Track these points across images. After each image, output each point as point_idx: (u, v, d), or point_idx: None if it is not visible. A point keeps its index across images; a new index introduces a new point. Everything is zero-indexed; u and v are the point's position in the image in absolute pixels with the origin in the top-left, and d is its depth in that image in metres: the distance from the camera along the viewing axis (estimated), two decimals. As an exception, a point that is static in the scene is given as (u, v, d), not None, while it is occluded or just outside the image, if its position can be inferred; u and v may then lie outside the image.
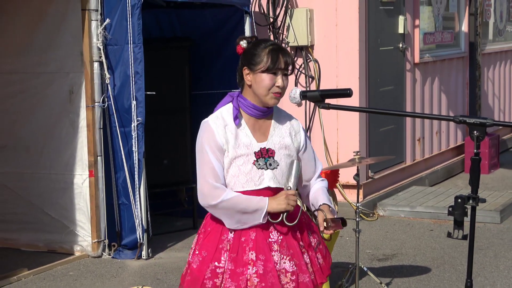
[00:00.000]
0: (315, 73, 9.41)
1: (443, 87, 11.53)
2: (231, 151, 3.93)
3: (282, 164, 3.99)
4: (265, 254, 3.94)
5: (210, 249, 3.98)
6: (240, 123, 3.98)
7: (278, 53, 3.93)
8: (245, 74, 3.97)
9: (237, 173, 3.94)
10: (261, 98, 3.95)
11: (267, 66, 3.91)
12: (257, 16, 9.34)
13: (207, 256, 3.97)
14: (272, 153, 3.99)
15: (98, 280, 7.19)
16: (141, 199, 7.72)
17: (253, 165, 3.94)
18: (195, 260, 4.01)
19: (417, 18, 10.65)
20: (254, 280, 3.91)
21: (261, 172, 3.95)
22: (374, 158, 6.83)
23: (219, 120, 3.97)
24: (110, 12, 7.61)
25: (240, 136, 3.96)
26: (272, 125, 4.05)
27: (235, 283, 3.90)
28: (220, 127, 3.94)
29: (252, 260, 3.92)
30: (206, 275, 3.94)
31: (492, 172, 11.86)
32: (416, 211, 9.34)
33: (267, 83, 3.91)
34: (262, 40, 4.05)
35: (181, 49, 8.83)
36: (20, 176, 8.13)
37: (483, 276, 7.09)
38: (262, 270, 3.91)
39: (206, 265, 3.96)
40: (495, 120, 3.48)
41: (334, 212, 4.06)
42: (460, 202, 3.51)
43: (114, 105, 7.67)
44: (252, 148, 3.96)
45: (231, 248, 3.94)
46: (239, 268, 3.92)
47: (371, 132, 9.63)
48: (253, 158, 3.95)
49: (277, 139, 4.02)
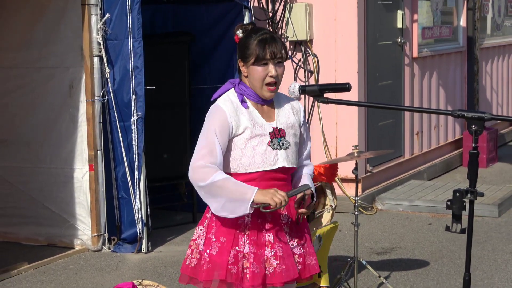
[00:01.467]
0: (314, 67, 9.43)
1: (442, 81, 11.55)
2: (247, 131, 3.95)
3: (292, 143, 4.05)
4: (282, 237, 3.99)
5: (229, 235, 3.98)
6: (248, 106, 4.02)
7: (265, 44, 3.96)
8: (241, 66, 4.03)
9: (252, 154, 3.96)
10: (256, 91, 4.00)
11: (255, 57, 3.95)
12: (256, 10, 9.35)
13: (226, 242, 3.97)
14: (283, 133, 4.03)
15: (98, 274, 7.21)
16: (141, 193, 7.74)
17: (268, 146, 3.98)
18: (213, 247, 3.99)
19: (415, 13, 10.67)
20: (273, 262, 3.94)
21: (276, 152, 3.99)
22: (373, 152, 6.84)
23: (229, 102, 3.99)
24: (110, 6, 7.62)
25: (253, 116, 3.99)
26: (276, 108, 4.09)
27: (259, 265, 3.93)
28: (231, 110, 3.96)
29: (270, 242, 3.96)
30: (229, 261, 3.95)
31: (490, 166, 11.88)
32: (414, 205, 9.36)
33: (260, 74, 3.95)
34: (254, 30, 4.06)
35: (181, 44, 8.83)
36: (21, 170, 8.15)
37: (481, 269, 7.12)
38: (282, 253, 3.96)
39: (227, 251, 3.96)
40: (493, 114, 3.50)
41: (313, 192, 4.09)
42: (458, 196, 3.53)
43: (114, 99, 7.68)
44: (265, 129, 4.00)
45: (250, 232, 3.96)
46: (259, 251, 3.95)
47: (369, 126, 9.65)
48: (267, 139, 3.98)
49: (283, 119, 4.07)
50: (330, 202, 6.31)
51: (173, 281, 6.95)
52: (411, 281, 6.85)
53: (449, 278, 6.90)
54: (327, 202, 6.32)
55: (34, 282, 7.04)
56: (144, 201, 7.77)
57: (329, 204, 6.30)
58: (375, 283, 6.71)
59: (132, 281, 4.95)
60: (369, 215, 9.20)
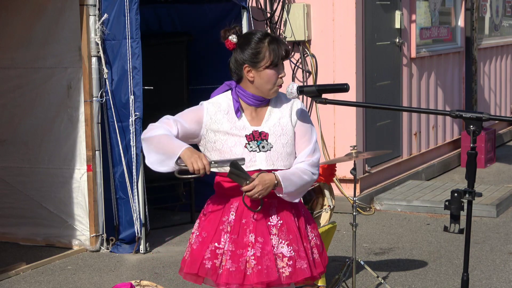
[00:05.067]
0: (312, 68, 9.43)
1: (440, 81, 11.56)
2: (225, 129, 3.97)
3: (278, 145, 4.00)
4: (264, 237, 3.96)
5: (210, 230, 4.00)
6: (241, 115, 4.01)
7: (277, 44, 3.96)
8: (247, 71, 3.99)
9: (229, 155, 3.96)
10: (264, 93, 3.99)
11: (270, 61, 3.94)
12: (254, 11, 9.35)
13: (207, 237, 4.00)
14: (265, 136, 4.00)
15: (96, 274, 7.21)
16: (139, 194, 7.74)
17: (245, 148, 3.97)
18: (195, 241, 4.04)
19: (413, 13, 10.67)
20: (251, 262, 3.93)
21: (253, 154, 3.97)
22: (371, 152, 6.85)
23: (214, 105, 4.04)
24: (108, 7, 7.62)
25: (234, 120, 3.99)
26: (268, 110, 4.07)
27: (236, 264, 3.92)
28: (211, 109, 4.02)
29: (251, 242, 3.95)
30: (205, 255, 3.97)
31: (488, 166, 11.89)
32: (412, 205, 9.37)
33: (273, 77, 3.96)
34: (252, 33, 4.05)
35: (179, 44, 8.84)
36: (19, 170, 8.14)
37: (479, 270, 7.12)
38: (260, 253, 3.94)
39: (206, 246, 3.98)
40: (491, 114, 3.51)
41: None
42: (456, 196, 3.54)
43: (112, 100, 7.68)
44: (244, 132, 3.99)
45: (232, 230, 3.96)
46: (239, 250, 3.94)
47: (368, 126, 9.66)
48: (244, 141, 3.98)
49: (272, 122, 4.04)
50: (328, 202, 6.31)
51: (172, 282, 6.95)
52: (409, 282, 6.85)
53: (447, 279, 6.90)
54: (325, 202, 6.33)
55: (32, 282, 7.04)
56: (142, 201, 7.77)
57: (327, 204, 6.31)
58: (373, 284, 6.71)
59: (130, 282, 4.95)
60: (367, 216, 9.20)
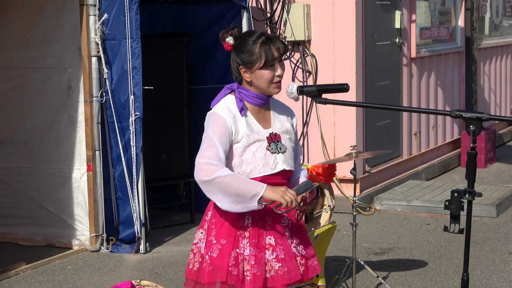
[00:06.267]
0: (312, 68, 9.43)
1: (440, 81, 11.56)
2: (244, 138, 3.96)
3: (288, 147, 4.08)
4: (282, 239, 4.00)
5: (229, 238, 3.98)
6: (246, 114, 4.02)
7: (269, 44, 3.97)
8: (243, 72, 4.02)
9: (252, 160, 3.96)
10: (264, 90, 4.01)
11: (263, 62, 3.95)
12: (254, 11, 9.35)
13: (226, 245, 3.97)
14: (279, 137, 4.06)
15: (96, 274, 7.21)
16: (139, 193, 7.74)
17: (267, 150, 4.00)
18: (214, 249, 3.99)
19: (413, 13, 10.67)
20: (275, 265, 3.95)
21: (275, 156, 4.01)
22: (371, 152, 6.84)
23: (226, 109, 3.99)
24: (108, 7, 7.62)
25: (250, 123, 4.00)
26: (272, 113, 4.12)
27: (260, 267, 3.94)
28: (229, 116, 3.96)
29: (271, 245, 3.97)
30: (230, 263, 3.95)
31: (488, 166, 11.89)
32: (412, 205, 9.37)
33: (268, 77, 3.97)
34: (247, 34, 4.06)
35: (179, 44, 8.83)
36: (19, 170, 8.14)
37: (479, 269, 7.12)
38: (284, 255, 3.97)
39: (228, 253, 3.96)
40: (491, 114, 3.51)
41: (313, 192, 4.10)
42: (456, 196, 3.53)
43: (112, 100, 7.68)
44: (262, 134, 4.01)
45: (251, 235, 3.97)
46: (260, 254, 3.96)
47: (368, 126, 9.66)
48: (266, 143, 4.00)
49: (279, 124, 4.10)
50: (328, 202, 6.31)
51: (171, 282, 6.95)
52: (409, 282, 6.85)
53: (447, 279, 6.90)
54: (325, 202, 6.33)
55: (32, 282, 7.04)
56: (142, 201, 7.77)
57: (327, 204, 6.31)
58: (373, 284, 6.71)
59: (130, 280, 4.95)
60: (367, 216, 9.20)
